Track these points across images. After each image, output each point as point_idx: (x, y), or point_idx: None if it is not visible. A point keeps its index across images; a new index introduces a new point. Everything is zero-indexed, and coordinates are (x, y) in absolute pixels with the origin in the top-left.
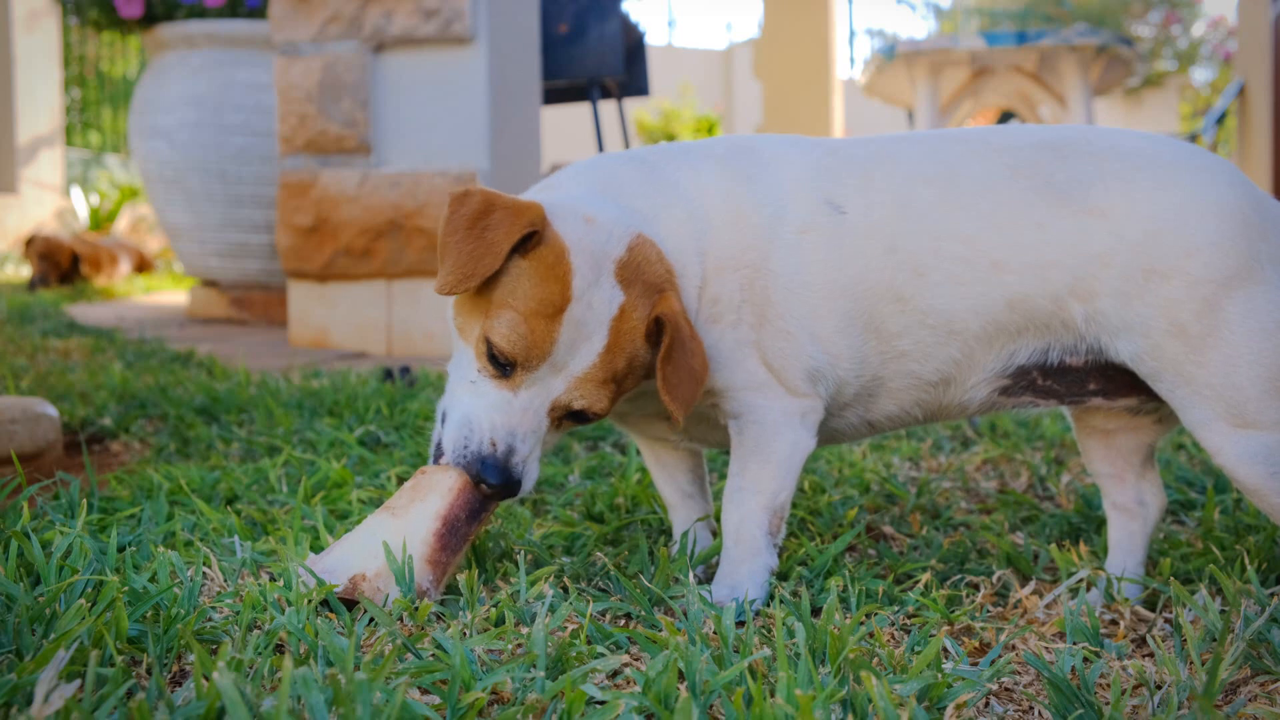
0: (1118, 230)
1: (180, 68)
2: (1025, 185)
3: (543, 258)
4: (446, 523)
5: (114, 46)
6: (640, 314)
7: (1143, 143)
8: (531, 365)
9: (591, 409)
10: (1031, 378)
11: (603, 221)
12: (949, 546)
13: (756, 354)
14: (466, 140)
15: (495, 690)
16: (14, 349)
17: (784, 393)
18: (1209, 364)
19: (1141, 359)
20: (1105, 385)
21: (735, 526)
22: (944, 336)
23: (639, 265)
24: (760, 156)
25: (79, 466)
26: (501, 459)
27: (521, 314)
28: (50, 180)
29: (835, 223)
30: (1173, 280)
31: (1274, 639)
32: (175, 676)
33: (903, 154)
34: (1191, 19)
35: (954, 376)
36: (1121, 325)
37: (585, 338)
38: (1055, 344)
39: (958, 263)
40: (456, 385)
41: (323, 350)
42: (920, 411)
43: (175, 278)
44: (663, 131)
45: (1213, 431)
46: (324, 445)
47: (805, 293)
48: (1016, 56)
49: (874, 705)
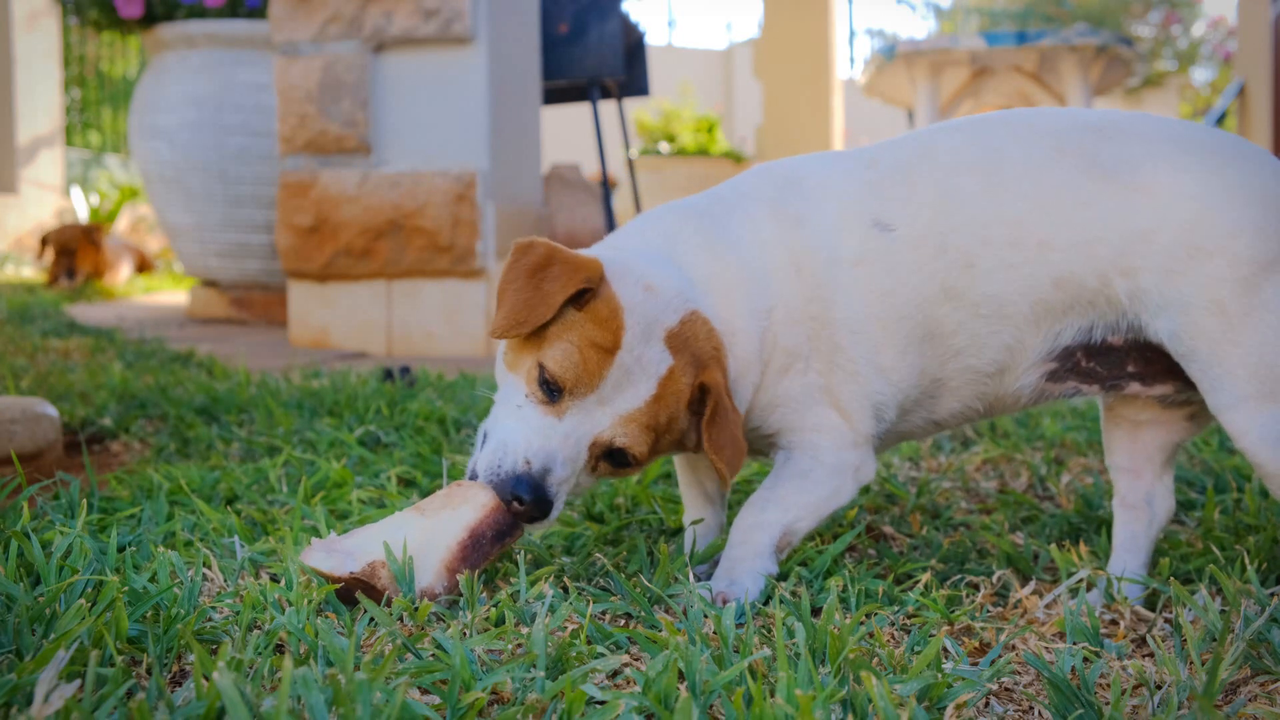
0: (1164, 208)
1: (180, 68)
2: (1070, 164)
3: (597, 311)
4: (473, 535)
5: (114, 46)
6: (686, 380)
7: (1188, 128)
8: (579, 393)
9: (631, 449)
10: (1076, 359)
11: (661, 291)
12: (949, 546)
13: (826, 398)
14: (466, 140)
15: (495, 690)
16: (14, 349)
17: (848, 439)
18: (1244, 342)
19: (1179, 337)
20: (1143, 369)
21: (747, 529)
22: (997, 324)
23: (688, 338)
24: (806, 189)
25: (79, 466)
26: (537, 477)
27: (576, 344)
28: (50, 180)
29: (886, 245)
30: (1216, 259)
31: (1274, 639)
32: (175, 676)
33: (942, 146)
34: (1191, 19)
35: (1008, 364)
36: (1163, 302)
37: (633, 383)
38: (1099, 322)
39: (1006, 247)
40: (501, 410)
41: (323, 350)
42: (981, 405)
43: (175, 278)
44: (663, 131)
45: (1239, 413)
46: (324, 445)
47: (868, 328)
48: (1016, 56)
49: (874, 705)
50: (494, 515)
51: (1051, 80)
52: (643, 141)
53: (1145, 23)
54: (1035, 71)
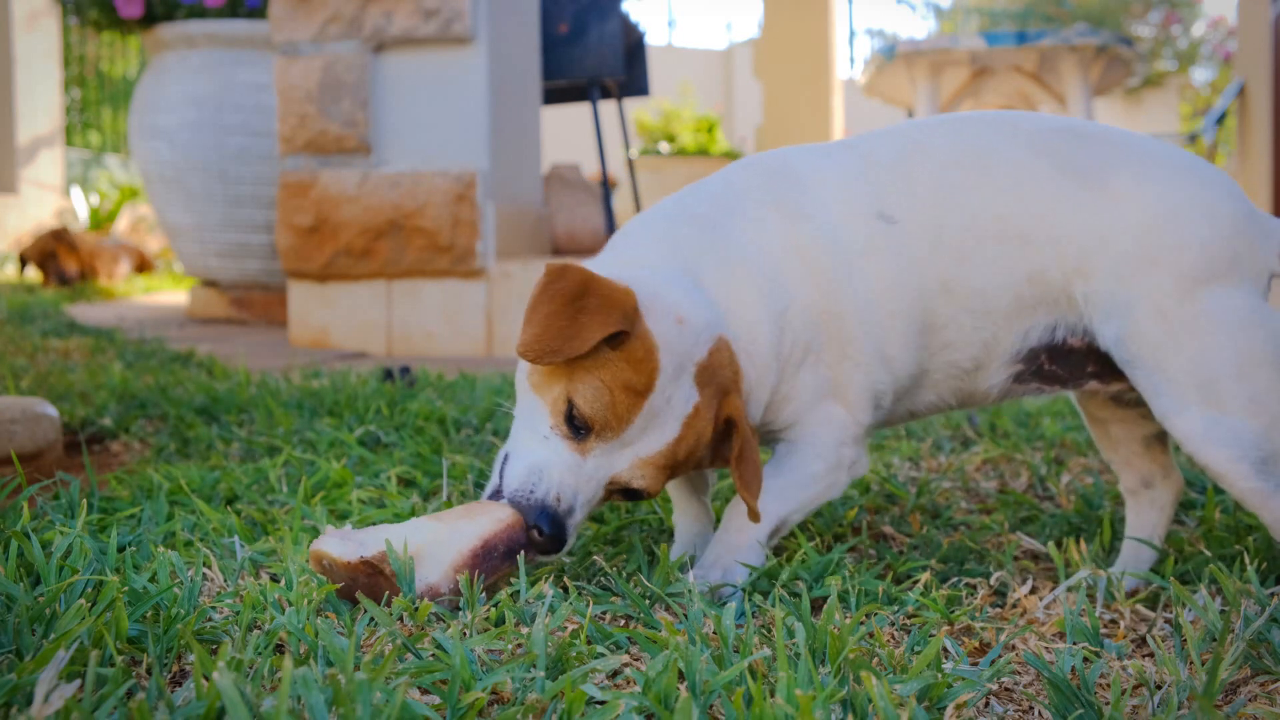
0: (1124, 215)
1: (180, 68)
2: (1049, 163)
3: (633, 352)
4: (486, 546)
5: (114, 46)
6: (710, 414)
7: (1156, 144)
8: (606, 436)
9: (647, 489)
10: (1040, 361)
11: (692, 324)
12: (949, 546)
13: (833, 390)
14: (466, 140)
15: (495, 690)
16: (14, 349)
17: (850, 433)
18: (1185, 350)
19: (1124, 342)
20: (1100, 369)
21: (743, 520)
22: (980, 319)
23: (715, 369)
24: (803, 182)
25: (79, 466)
26: (561, 515)
27: (609, 386)
28: (50, 180)
29: (890, 236)
30: (1162, 269)
31: (1274, 639)
32: (175, 676)
33: (933, 142)
34: (1191, 19)
35: (984, 361)
36: (1111, 306)
37: (658, 426)
38: (1061, 322)
39: (992, 241)
40: (526, 435)
41: (323, 350)
42: (954, 399)
43: (175, 278)
44: (663, 131)
45: (1183, 418)
46: (324, 445)
47: (878, 317)
48: (1016, 56)
49: (874, 705)
50: (509, 532)
51: (1051, 80)
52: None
53: (1145, 23)
54: (1035, 71)
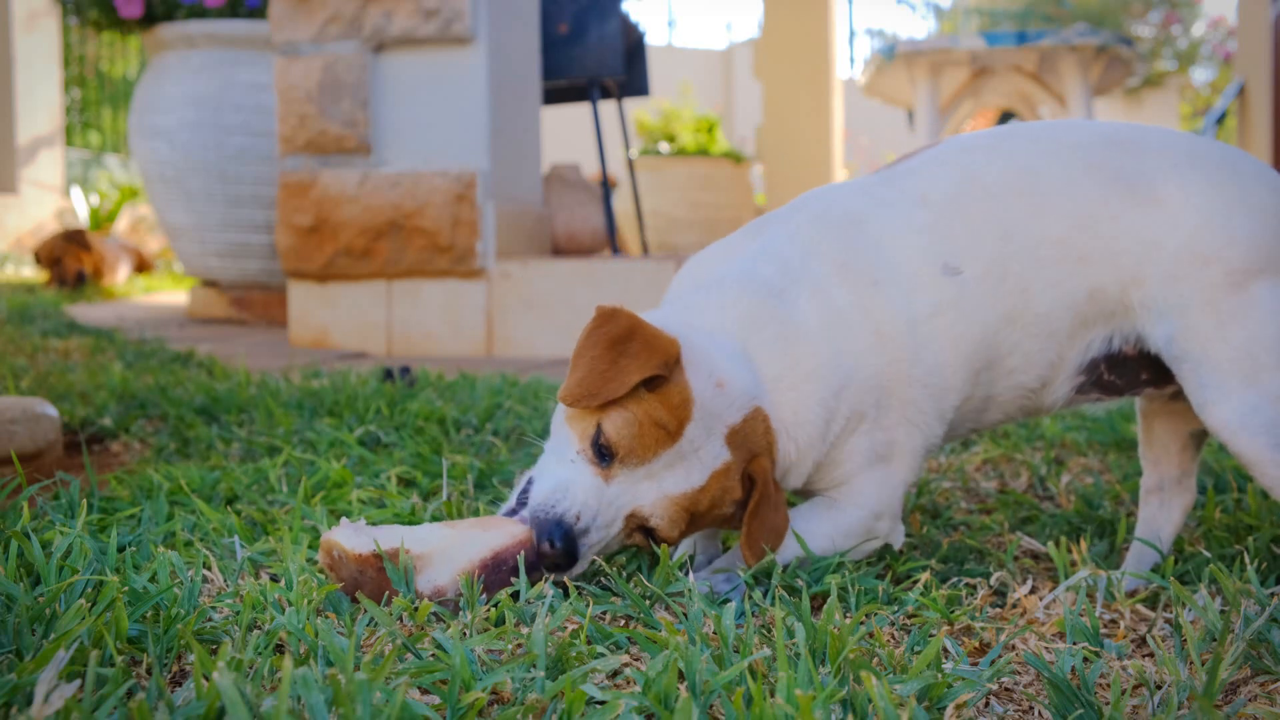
0: (1173, 219)
1: (180, 68)
2: (1099, 179)
3: (668, 396)
4: (496, 557)
5: (114, 46)
6: (738, 474)
7: (1194, 142)
8: (630, 463)
9: (663, 531)
10: (1099, 371)
11: (730, 390)
12: (949, 546)
13: (885, 451)
14: (466, 140)
15: (495, 690)
16: (14, 349)
17: (893, 495)
18: (1232, 339)
19: (1174, 340)
20: (1153, 375)
21: None
22: (1045, 342)
23: (747, 435)
24: (872, 241)
25: (79, 466)
26: (577, 533)
27: (638, 417)
28: (50, 180)
29: (957, 289)
30: (1213, 265)
31: (1274, 639)
32: (175, 676)
33: (985, 170)
34: (1191, 19)
35: (1049, 379)
36: (1165, 307)
37: (684, 469)
38: (1117, 332)
39: (1053, 266)
40: (553, 460)
41: (323, 350)
42: (1021, 414)
43: (175, 278)
44: (663, 131)
45: (1221, 407)
46: (324, 445)
47: (942, 376)
48: (1016, 56)
49: (874, 705)
50: (521, 548)
51: (1051, 80)
52: (643, 141)
53: (1145, 23)
54: (1035, 71)
